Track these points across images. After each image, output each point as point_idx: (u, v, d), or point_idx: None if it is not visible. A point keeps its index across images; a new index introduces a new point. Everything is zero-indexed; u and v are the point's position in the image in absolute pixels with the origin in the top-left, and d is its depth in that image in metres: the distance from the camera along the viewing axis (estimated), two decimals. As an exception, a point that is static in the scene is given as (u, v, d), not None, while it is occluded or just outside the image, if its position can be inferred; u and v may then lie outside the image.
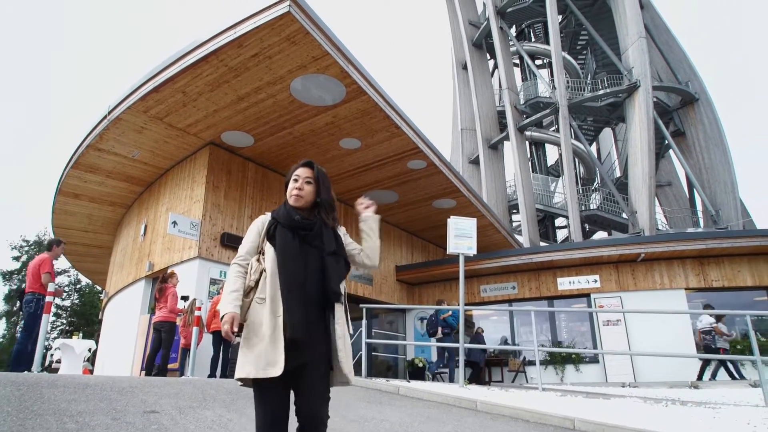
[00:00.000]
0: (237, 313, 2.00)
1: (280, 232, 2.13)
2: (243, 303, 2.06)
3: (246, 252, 2.18)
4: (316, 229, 2.16)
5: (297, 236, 2.12)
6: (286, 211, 2.21)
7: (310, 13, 6.93)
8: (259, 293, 2.06)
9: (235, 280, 2.10)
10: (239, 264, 2.15)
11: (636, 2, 22.03)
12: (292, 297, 1.97)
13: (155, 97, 8.31)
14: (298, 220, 2.16)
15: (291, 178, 2.28)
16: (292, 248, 2.08)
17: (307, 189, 2.23)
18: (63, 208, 12.72)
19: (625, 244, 12.26)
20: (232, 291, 2.06)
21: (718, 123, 22.40)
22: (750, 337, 6.51)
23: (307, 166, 2.30)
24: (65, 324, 35.11)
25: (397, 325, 14.67)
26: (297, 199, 2.21)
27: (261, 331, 1.95)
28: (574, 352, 11.77)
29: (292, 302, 1.96)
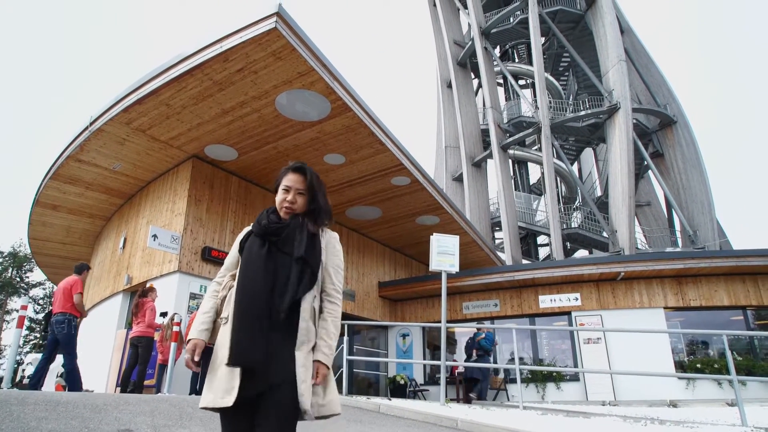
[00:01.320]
0: (201, 339, 1.85)
1: (250, 242, 1.93)
2: (216, 324, 1.90)
3: (225, 268, 2.03)
4: (287, 233, 1.91)
5: (266, 244, 1.89)
6: (260, 217, 2.01)
7: (297, 30, 6.97)
8: (224, 312, 1.88)
9: (206, 300, 1.96)
10: (216, 281, 2.02)
11: (616, 27, 22.63)
12: (240, 314, 1.75)
13: (138, 109, 8.25)
14: (265, 225, 1.93)
15: (281, 187, 2.04)
16: (254, 257, 1.85)
17: (300, 201, 2.00)
18: (40, 220, 12.47)
19: (605, 262, 12.41)
20: (202, 313, 1.92)
21: (695, 145, 22.95)
22: (726, 357, 6.60)
23: (299, 173, 2.03)
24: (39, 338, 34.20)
25: (379, 341, 14.58)
26: (288, 213, 1.99)
27: (220, 354, 1.76)
28: (555, 370, 11.79)
29: (239, 321, 1.74)
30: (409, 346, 14.14)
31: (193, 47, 7.30)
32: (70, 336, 6.34)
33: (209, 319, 1.90)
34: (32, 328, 33.95)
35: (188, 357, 1.81)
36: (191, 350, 1.81)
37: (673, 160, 23.50)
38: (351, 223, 13.10)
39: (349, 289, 12.85)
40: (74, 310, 6.44)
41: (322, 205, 2.03)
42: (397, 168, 10.38)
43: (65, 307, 6.42)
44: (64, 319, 6.37)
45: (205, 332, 1.87)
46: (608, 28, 22.35)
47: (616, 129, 20.88)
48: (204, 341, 1.85)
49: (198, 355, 1.81)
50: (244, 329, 1.72)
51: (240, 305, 1.77)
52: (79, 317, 6.54)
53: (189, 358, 1.81)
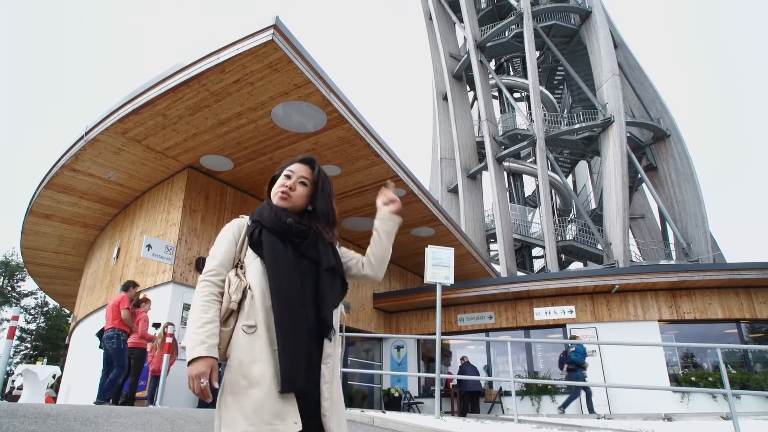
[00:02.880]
0: (214, 358, 1.48)
1: (267, 239, 1.66)
2: (221, 334, 1.56)
3: (219, 264, 1.66)
4: (312, 237, 1.71)
5: (289, 245, 1.66)
6: (273, 211, 1.73)
7: (293, 42, 7.01)
8: (246, 319, 1.55)
9: (207, 305, 1.57)
10: (212, 282, 1.62)
11: (610, 42, 22.89)
12: (288, 328, 1.51)
13: (134, 119, 8.25)
14: (290, 224, 1.68)
15: (282, 173, 1.82)
16: (285, 260, 1.61)
17: (300, 190, 1.78)
18: (33, 229, 12.40)
19: (599, 275, 12.44)
20: (206, 322, 1.52)
21: (688, 159, 23.13)
22: (721, 370, 6.60)
23: (307, 164, 1.85)
24: (29, 348, 33.82)
25: (374, 353, 14.51)
26: (283, 199, 1.75)
27: (254, 370, 1.47)
28: (551, 383, 11.76)
29: (288, 338, 1.49)
30: (403, 358, 14.07)
31: (190, 58, 7.33)
32: (119, 350, 6.80)
33: (217, 329, 1.55)
34: (23, 338, 33.59)
35: (202, 384, 1.43)
36: (206, 374, 1.45)
37: (666, 174, 23.67)
38: (346, 234, 13.09)
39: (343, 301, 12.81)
40: (123, 326, 6.87)
41: (324, 208, 1.80)
42: (392, 180, 10.39)
43: (114, 323, 6.86)
44: (113, 335, 6.81)
45: (216, 347, 1.52)
46: (602, 42, 22.61)
47: (610, 142, 21.04)
48: (216, 359, 1.50)
49: (215, 379, 1.47)
50: (294, 345, 1.49)
51: (282, 314, 1.53)
52: (128, 332, 6.96)
53: (204, 386, 1.44)
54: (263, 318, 1.54)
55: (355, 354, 13.98)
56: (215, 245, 1.73)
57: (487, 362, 13.39)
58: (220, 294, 1.60)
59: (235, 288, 1.59)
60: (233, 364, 1.50)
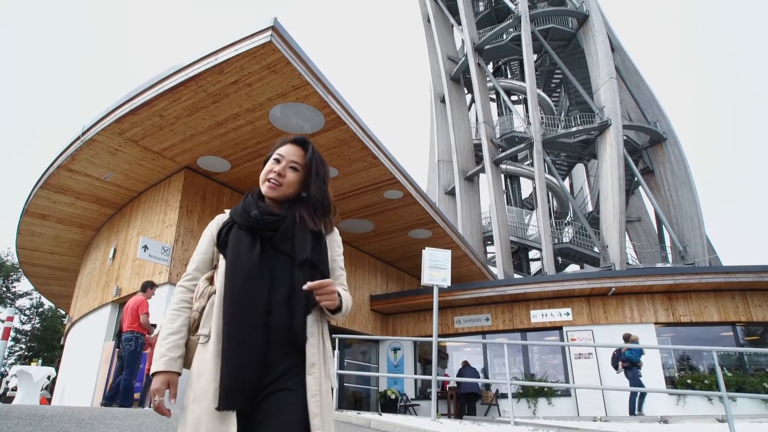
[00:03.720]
0: (174, 373, 1.39)
1: (234, 236, 1.49)
2: (189, 345, 1.45)
3: (195, 268, 1.55)
4: (285, 229, 1.50)
5: (258, 241, 1.47)
6: (243, 206, 1.56)
7: (292, 43, 7.01)
8: (201, 328, 1.43)
9: (175, 314, 1.47)
10: (185, 287, 1.53)
11: (607, 45, 22.97)
12: (234, 334, 1.33)
13: (131, 120, 8.23)
14: (255, 216, 1.49)
15: (274, 156, 1.63)
16: (245, 257, 1.42)
17: (291, 177, 1.59)
18: (29, 229, 12.34)
19: (596, 278, 12.46)
20: (170, 333, 1.43)
21: (684, 162, 23.21)
22: (716, 373, 6.61)
23: (299, 145, 1.65)
24: (24, 349, 33.66)
25: (370, 355, 14.49)
26: (272, 188, 1.57)
27: (200, 384, 1.33)
28: (547, 385, 11.77)
29: (234, 347, 1.32)
30: (400, 360, 14.06)
31: (188, 59, 7.32)
32: (135, 353, 6.79)
33: (182, 341, 1.44)
34: (18, 339, 33.43)
35: (155, 402, 1.35)
36: (162, 390, 1.36)
37: (663, 177, 23.75)
38: (343, 236, 13.01)
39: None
40: (141, 329, 6.89)
41: (318, 194, 1.60)
42: (390, 182, 10.40)
43: (132, 326, 6.87)
44: (132, 337, 6.82)
45: (179, 360, 1.41)
46: (599, 46, 22.69)
47: (607, 145, 21.10)
48: (178, 373, 1.40)
49: (174, 395, 1.37)
50: (237, 359, 1.31)
51: (231, 323, 1.35)
52: (146, 335, 6.98)
53: (157, 403, 1.35)
54: (216, 326, 1.39)
55: (352, 356, 13.96)
56: (197, 246, 1.62)
57: (484, 364, 13.39)
58: (191, 299, 1.51)
59: (200, 294, 1.49)
60: (190, 375, 1.40)
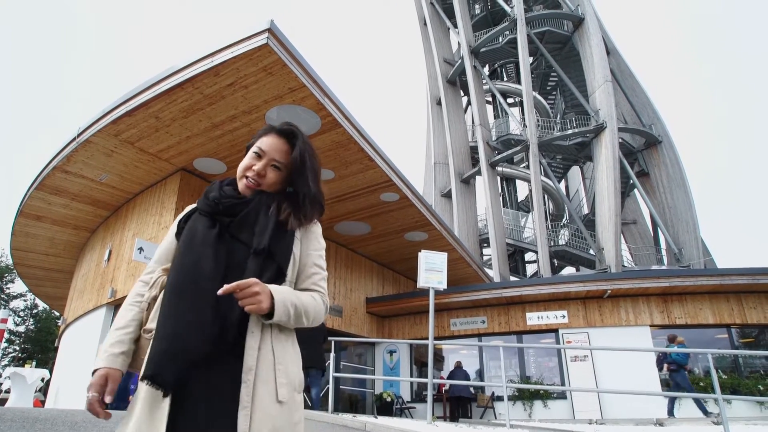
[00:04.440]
0: (114, 369, 1.25)
1: (192, 221, 1.37)
2: (141, 343, 1.32)
3: (155, 260, 1.43)
4: (246, 214, 1.34)
5: (216, 226, 1.33)
6: (208, 189, 1.45)
7: (288, 46, 7.01)
8: (149, 323, 1.30)
9: (127, 308, 1.35)
10: (143, 281, 1.41)
11: (602, 48, 23.08)
12: (174, 301, 1.19)
13: (127, 121, 8.20)
14: (214, 200, 1.37)
15: (254, 148, 1.44)
16: (198, 241, 1.28)
17: (271, 177, 1.42)
18: (23, 230, 12.28)
19: (592, 280, 12.48)
20: (117, 328, 1.31)
21: (680, 165, 23.33)
22: (711, 375, 6.64)
23: (284, 137, 1.44)
24: (18, 351, 33.45)
25: (366, 358, 14.47)
26: (249, 188, 1.41)
27: (143, 385, 1.20)
28: (543, 388, 11.78)
29: (173, 306, 1.19)
30: (396, 362, 14.05)
31: (184, 61, 7.31)
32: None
33: (128, 337, 1.30)
34: (11, 341, 33.22)
35: (93, 396, 1.20)
36: (99, 385, 1.21)
37: (658, 179, 23.85)
38: (339, 238, 13.06)
39: (336, 305, 12.77)
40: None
41: (308, 191, 1.41)
42: (386, 184, 10.40)
43: None
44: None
45: (121, 357, 1.27)
46: (594, 49, 22.79)
47: (602, 148, 21.18)
48: (119, 371, 1.26)
49: (111, 392, 1.22)
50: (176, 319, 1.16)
51: (173, 290, 1.21)
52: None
53: (94, 399, 1.20)
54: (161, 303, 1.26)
55: (348, 358, 13.94)
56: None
57: (480, 367, 13.39)
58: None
59: (153, 283, 1.35)
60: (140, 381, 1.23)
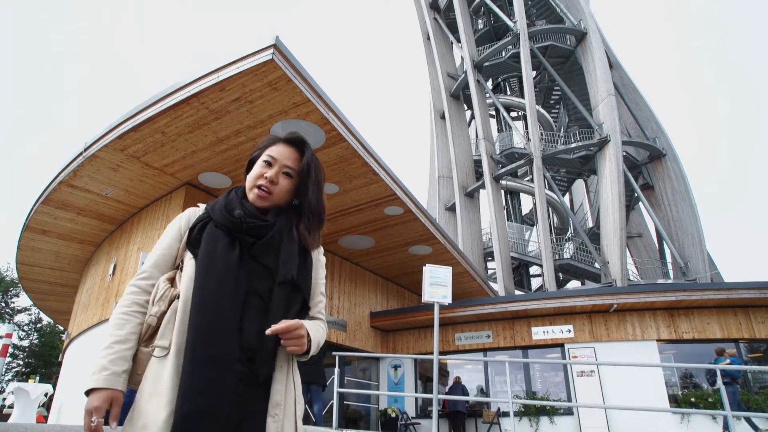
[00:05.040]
0: (117, 390, 1.16)
1: (209, 235, 1.27)
2: (139, 357, 1.23)
3: (152, 265, 1.31)
4: (271, 237, 1.29)
5: (237, 245, 1.26)
6: (225, 201, 1.35)
7: (293, 61, 7.07)
8: (159, 338, 1.21)
9: (124, 318, 1.24)
10: (139, 287, 1.29)
11: (605, 62, 23.18)
12: (202, 346, 1.13)
13: (134, 136, 8.27)
14: (239, 217, 1.29)
15: (262, 157, 1.41)
16: (221, 263, 1.21)
17: (283, 184, 1.38)
18: (29, 245, 12.34)
19: (597, 294, 12.39)
20: (115, 341, 1.21)
21: (684, 178, 23.26)
22: (720, 391, 6.56)
23: (293, 146, 1.45)
24: (22, 365, 33.39)
25: (371, 372, 14.36)
26: (262, 197, 1.36)
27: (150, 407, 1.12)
28: (549, 404, 11.65)
29: (200, 367, 1.11)
30: (400, 377, 13.93)
31: (190, 76, 7.38)
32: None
33: (129, 353, 1.21)
34: (15, 355, 33.18)
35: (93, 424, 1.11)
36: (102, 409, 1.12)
37: (663, 193, 23.78)
38: (344, 252, 13.05)
39: (340, 319, 12.72)
40: None
41: (312, 202, 1.39)
42: (390, 198, 10.41)
43: None
44: None
45: (123, 376, 1.18)
46: (597, 63, 22.88)
47: (606, 161, 21.17)
48: (122, 392, 1.17)
49: (116, 417, 1.14)
50: (205, 376, 1.10)
51: (199, 333, 1.14)
52: None
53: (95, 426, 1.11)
54: (176, 338, 1.17)
55: (352, 373, 13.84)
56: (158, 241, 1.37)
57: (485, 382, 13.26)
58: (144, 303, 1.27)
59: (160, 297, 1.25)
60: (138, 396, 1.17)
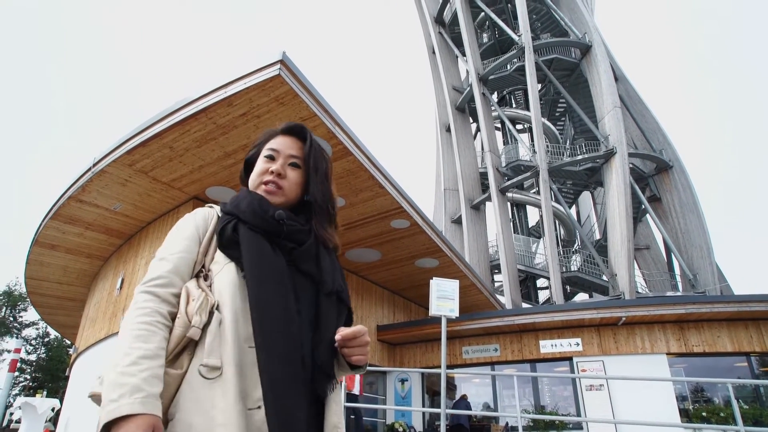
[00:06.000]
0: (155, 416, 0.86)
1: (248, 237, 1.09)
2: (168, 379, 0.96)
3: (172, 270, 1.08)
4: (310, 244, 1.15)
5: (278, 250, 1.11)
6: (253, 200, 1.18)
7: (299, 76, 7.15)
8: (207, 356, 0.97)
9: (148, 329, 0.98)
10: (157, 296, 1.06)
11: (610, 75, 23.23)
12: (280, 376, 0.94)
13: (142, 151, 8.35)
14: (280, 218, 1.13)
15: (263, 152, 1.31)
16: (275, 270, 1.05)
17: (293, 176, 1.24)
18: (38, 259, 12.42)
19: (606, 307, 12.29)
20: (143, 356, 0.93)
21: (692, 190, 23.14)
22: (732, 406, 6.45)
23: (295, 135, 1.32)
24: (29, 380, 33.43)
25: (377, 386, 14.26)
26: (271, 193, 1.22)
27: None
28: (558, 418, 11.51)
29: (280, 390, 0.93)
30: (407, 391, 13.83)
31: (198, 92, 7.46)
32: None
33: (161, 371, 0.93)
34: (23, 370, 33.24)
35: None
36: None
37: (670, 204, 23.66)
38: (350, 265, 13.04)
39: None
40: None
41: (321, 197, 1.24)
42: (396, 211, 10.42)
43: None
44: None
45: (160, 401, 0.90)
46: (603, 75, 22.94)
47: (613, 173, 21.12)
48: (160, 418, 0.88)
49: None
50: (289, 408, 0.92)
51: (271, 357, 0.95)
52: None
53: None
54: (233, 356, 0.96)
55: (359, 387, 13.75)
56: (167, 243, 1.14)
57: (493, 396, 13.14)
58: (170, 315, 1.03)
59: (198, 306, 1.01)
60: (178, 425, 0.92)
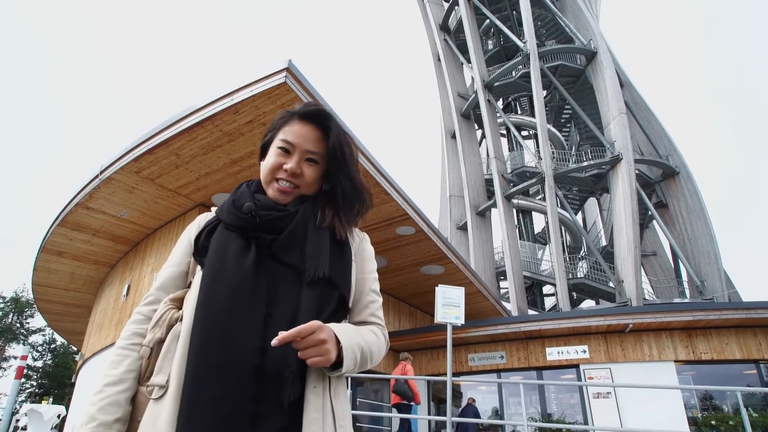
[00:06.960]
0: None
1: (218, 239, 1.04)
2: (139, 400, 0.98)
3: (159, 286, 1.10)
4: (293, 230, 1.05)
5: (253, 246, 1.02)
6: (233, 198, 1.13)
7: (305, 84, 7.18)
8: (156, 375, 0.96)
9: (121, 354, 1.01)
10: (141, 313, 1.08)
11: (616, 81, 23.20)
12: (202, 383, 0.87)
13: (149, 159, 8.40)
14: (249, 211, 1.05)
15: (276, 143, 1.17)
16: (233, 270, 0.97)
17: (309, 174, 1.14)
18: (45, 266, 12.49)
19: (612, 314, 12.20)
20: (108, 384, 0.97)
21: (698, 196, 23.02)
22: (741, 414, 6.38)
23: (314, 123, 1.14)
24: (35, 386, 33.51)
25: (383, 394, 14.19)
26: (284, 192, 1.13)
27: None
28: (565, 426, 11.40)
29: (200, 398, 0.86)
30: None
31: (205, 100, 7.52)
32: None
33: (123, 396, 0.96)
34: (29, 376, 33.34)
35: None
36: None
37: (677, 211, 23.54)
38: (355, 271, 13.03)
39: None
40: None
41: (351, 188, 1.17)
42: (402, 218, 10.41)
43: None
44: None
45: (116, 426, 0.93)
46: (608, 82, 22.92)
47: (619, 179, 21.05)
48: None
49: None
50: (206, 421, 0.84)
51: (199, 365, 0.89)
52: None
53: None
54: (178, 372, 0.92)
55: (365, 395, 13.69)
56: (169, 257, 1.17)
57: (499, 404, 13.05)
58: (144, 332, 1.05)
59: (155, 322, 1.01)
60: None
